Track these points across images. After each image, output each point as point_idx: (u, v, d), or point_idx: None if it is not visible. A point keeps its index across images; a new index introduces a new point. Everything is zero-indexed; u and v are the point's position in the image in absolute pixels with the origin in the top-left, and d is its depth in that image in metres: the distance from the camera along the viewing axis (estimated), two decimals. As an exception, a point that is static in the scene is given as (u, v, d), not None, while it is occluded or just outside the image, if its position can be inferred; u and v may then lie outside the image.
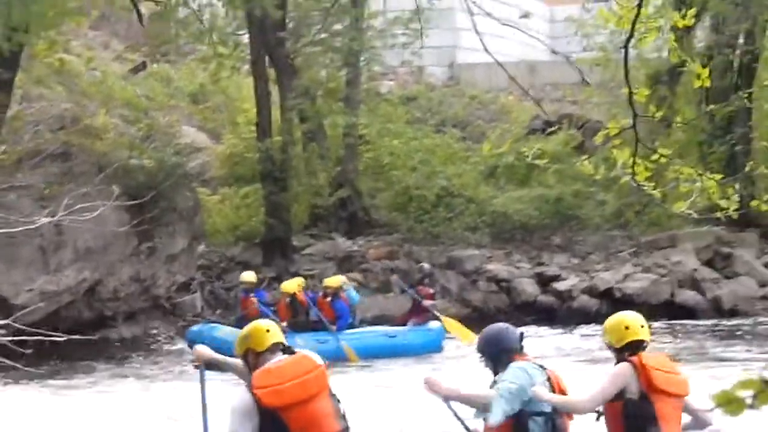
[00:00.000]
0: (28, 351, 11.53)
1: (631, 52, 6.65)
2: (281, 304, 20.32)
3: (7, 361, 8.87)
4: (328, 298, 20.04)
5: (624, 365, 6.37)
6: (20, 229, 13.75)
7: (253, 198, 28.80)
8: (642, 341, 6.49)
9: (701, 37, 30.59)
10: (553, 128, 22.49)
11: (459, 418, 6.64)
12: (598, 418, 6.51)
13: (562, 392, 6.53)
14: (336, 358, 19.52)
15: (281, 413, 5.81)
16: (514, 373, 6.42)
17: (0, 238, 18.50)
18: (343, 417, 6.05)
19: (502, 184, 31.01)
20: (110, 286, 22.20)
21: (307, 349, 6.53)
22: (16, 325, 8.23)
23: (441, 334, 20.71)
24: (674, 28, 8.02)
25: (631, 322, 6.56)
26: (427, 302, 20.74)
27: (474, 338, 7.87)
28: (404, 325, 20.90)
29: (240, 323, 19.02)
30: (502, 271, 27.00)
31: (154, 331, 23.43)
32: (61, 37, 25.91)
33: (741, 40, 29.53)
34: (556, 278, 26.78)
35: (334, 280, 20.59)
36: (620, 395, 6.32)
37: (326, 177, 28.92)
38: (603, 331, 6.69)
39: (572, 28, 32.35)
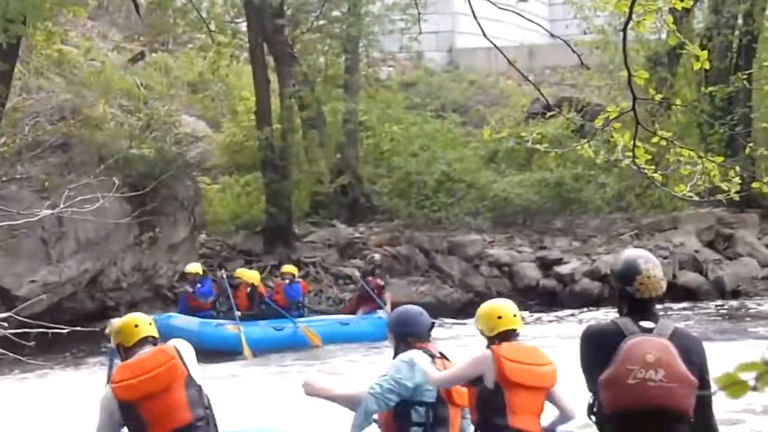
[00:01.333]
0: (31, 343, 11.55)
1: (630, 34, 6.62)
2: (241, 293, 20.38)
3: (10, 354, 8.88)
4: (286, 281, 20.39)
5: (485, 353, 6.37)
6: (21, 221, 13.73)
7: (254, 186, 28.77)
8: (514, 330, 6.49)
9: (700, 18, 30.54)
10: (552, 112, 22.19)
11: None
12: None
13: (449, 390, 6.50)
14: (295, 344, 19.75)
15: (136, 406, 6.19)
16: (397, 367, 6.46)
17: (1, 231, 18.49)
18: (203, 405, 6.33)
19: (503, 169, 30.99)
20: (112, 277, 22.21)
21: (265, 333, 6.86)
22: (19, 317, 8.26)
23: None
24: (673, 10, 8.00)
25: (504, 311, 6.51)
26: (386, 297, 21.00)
27: None
28: (354, 313, 21.21)
29: (188, 313, 19.75)
30: (504, 256, 26.99)
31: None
32: (59, 27, 25.89)
33: (740, 21, 29.47)
34: (558, 262, 26.77)
35: (291, 268, 21.14)
36: (479, 381, 6.33)
37: (327, 164, 28.88)
38: (476, 318, 6.62)
39: (571, 11, 32.27)
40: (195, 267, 20.60)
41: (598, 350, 4.82)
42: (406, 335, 6.61)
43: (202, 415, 6.27)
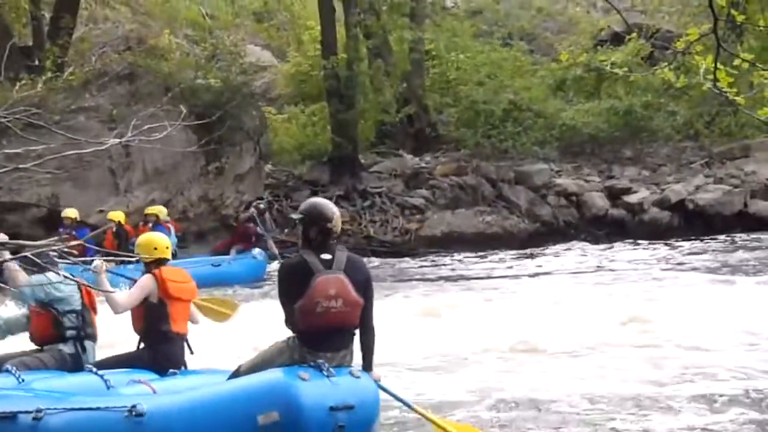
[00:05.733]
0: (101, 271, 11.58)
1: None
2: (108, 233, 19.80)
3: (80, 281, 9.00)
4: (150, 225, 19.27)
5: (148, 276, 8.19)
6: (89, 150, 13.79)
7: (320, 116, 28.66)
8: (166, 259, 8.37)
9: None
10: (629, 36, 22.11)
11: None
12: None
13: (90, 299, 8.47)
14: None
15: None
16: (44, 276, 8.19)
17: (70, 161, 18.59)
18: None
19: (571, 97, 30.60)
20: (179, 207, 22.29)
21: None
22: (88, 245, 8.47)
23: (264, 262, 20.53)
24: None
25: (158, 243, 8.40)
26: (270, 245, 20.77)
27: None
28: (226, 253, 20.76)
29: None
30: (572, 185, 26.74)
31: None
32: (124, -43, 25.85)
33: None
34: (627, 191, 26.47)
35: (157, 209, 19.98)
36: (144, 300, 8.13)
37: (392, 93, 28.67)
38: (135, 246, 8.50)
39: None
40: (73, 212, 19.86)
41: (290, 282, 6.62)
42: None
43: None
